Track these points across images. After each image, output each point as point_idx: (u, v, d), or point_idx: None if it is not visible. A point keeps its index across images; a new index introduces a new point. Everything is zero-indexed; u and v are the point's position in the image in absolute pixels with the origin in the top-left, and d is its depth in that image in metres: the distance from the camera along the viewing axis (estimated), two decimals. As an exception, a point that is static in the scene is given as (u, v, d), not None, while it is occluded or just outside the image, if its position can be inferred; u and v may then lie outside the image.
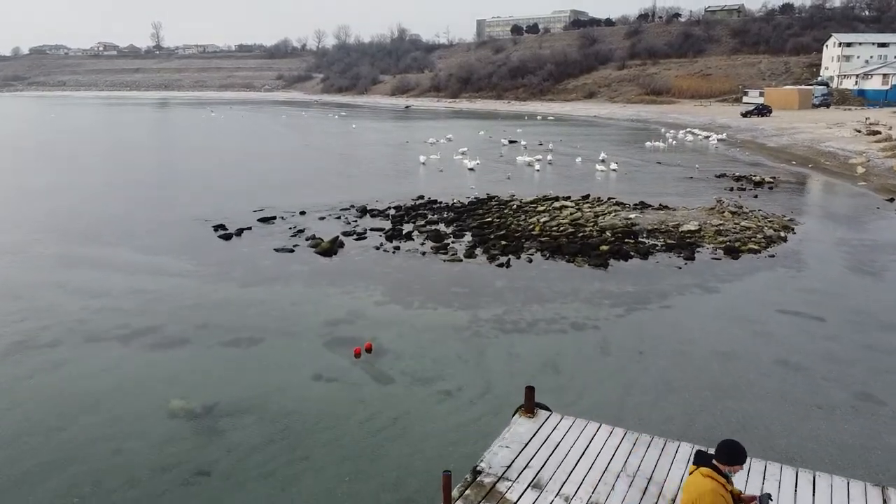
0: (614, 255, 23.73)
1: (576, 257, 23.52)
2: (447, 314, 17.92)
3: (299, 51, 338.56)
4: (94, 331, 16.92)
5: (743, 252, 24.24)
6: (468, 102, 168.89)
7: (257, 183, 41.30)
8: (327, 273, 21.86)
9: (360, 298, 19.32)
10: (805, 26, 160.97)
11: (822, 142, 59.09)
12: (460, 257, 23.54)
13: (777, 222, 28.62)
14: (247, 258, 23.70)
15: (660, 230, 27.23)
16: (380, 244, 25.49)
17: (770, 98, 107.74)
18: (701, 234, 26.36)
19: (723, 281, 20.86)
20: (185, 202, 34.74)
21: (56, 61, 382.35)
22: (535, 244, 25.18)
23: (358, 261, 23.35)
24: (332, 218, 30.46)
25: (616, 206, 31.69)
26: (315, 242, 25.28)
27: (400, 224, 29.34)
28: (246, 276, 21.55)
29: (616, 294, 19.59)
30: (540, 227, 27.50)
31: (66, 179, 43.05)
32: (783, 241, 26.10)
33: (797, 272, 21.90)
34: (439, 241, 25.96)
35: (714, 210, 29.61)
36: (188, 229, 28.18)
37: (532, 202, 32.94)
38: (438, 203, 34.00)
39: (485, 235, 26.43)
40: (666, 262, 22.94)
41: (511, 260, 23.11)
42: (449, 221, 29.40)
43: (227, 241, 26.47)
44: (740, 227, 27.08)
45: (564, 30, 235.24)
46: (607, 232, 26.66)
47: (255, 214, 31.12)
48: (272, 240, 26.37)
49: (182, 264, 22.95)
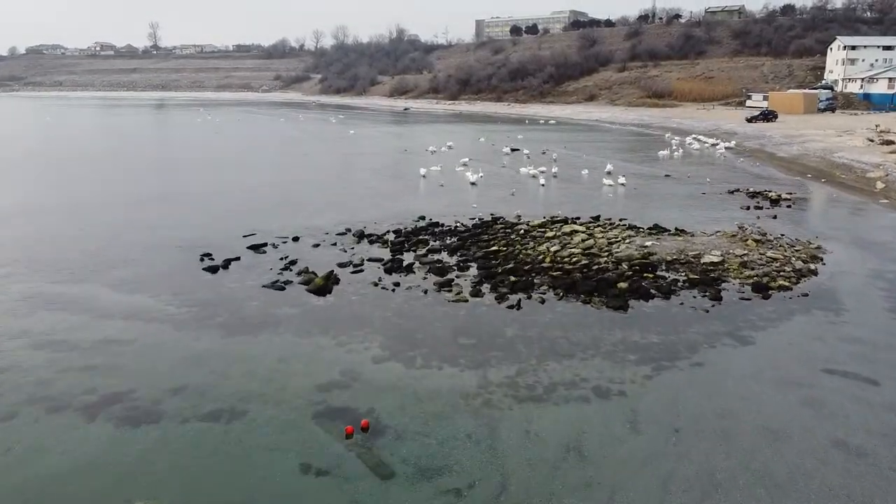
0: (634, 293, 21.78)
1: (592, 297, 21.56)
2: (454, 376, 15.95)
3: (297, 51, 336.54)
4: (56, 398, 14.95)
5: (773, 289, 22.31)
6: (467, 105, 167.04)
7: (249, 200, 39.33)
8: (320, 318, 19.89)
9: (356, 353, 17.35)
10: (807, 28, 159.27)
11: (834, 152, 57.21)
12: (466, 296, 21.58)
13: (804, 251, 26.69)
14: (233, 297, 21.72)
15: (680, 261, 25.29)
16: (378, 279, 23.51)
17: (774, 102, 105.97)
18: (725, 267, 24.42)
19: (756, 328, 18.91)
20: (171, 223, 32.73)
21: (53, 61, 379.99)
22: (547, 280, 23.22)
23: (354, 301, 21.37)
24: (328, 245, 28.47)
25: (630, 231, 29.76)
26: (307, 278, 23.30)
27: (400, 252, 27.39)
28: (231, 322, 19.57)
29: (640, 346, 17.63)
30: (551, 258, 25.55)
31: (44, 195, 40.97)
32: (813, 274, 24.17)
33: (836, 316, 19.95)
34: (442, 276, 24.01)
35: (736, 237, 27.68)
36: (172, 259, 26.18)
37: (540, 226, 31.00)
38: (440, 226, 32.05)
39: (492, 269, 24.46)
40: (691, 303, 20.99)
41: (522, 300, 21.14)
42: (452, 250, 27.43)
43: (212, 274, 24.47)
44: (766, 259, 25.15)
45: (564, 30, 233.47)
46: (624, 264, 24.72)
47: (244, 240, 29.11)
48: (261, 273, 24.39)
49: (162, 305, 20.96)
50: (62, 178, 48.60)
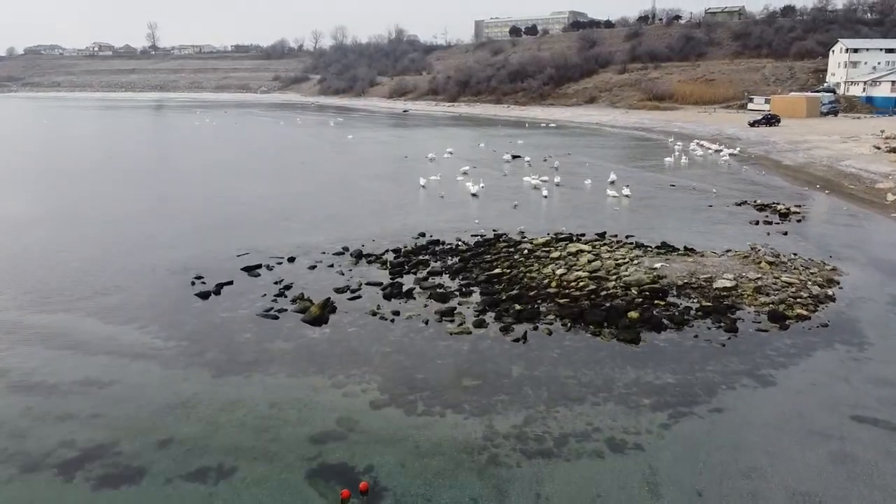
0: (645, 323, 20.76)
1: (602, 328, 20.55)
2: (457, 425, 14.92)
3: (296, 51, 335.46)
4: (32, 452, 13.92)
5: (790, 319, 21.30)
6: (467, 107, 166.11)
7: (245, 213, 38.29)
8: (315, 353, 18.86)
9: (354, 396, 16.32)
10: (807, 29, 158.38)
11: (840, 160, 56.23)
12: (469, 328, 20.55)
13: (819, 274, 25.68)
14: (225, 329, 20.69)
15: (691, 285, 24.28)
16: (377, 307, 22.48)
17: (777, 106, 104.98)
18: (739, 293, 23.40)
19: (776, 366, 17.90)
20: (163, 240, 31.67)
21: (51, 61, 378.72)
22: (554, 308, 22.21)
23: (351, 333, 20.34)
24: (324, 266, 27.43)
25: (637, 251, 28.72)
26: (303, 306, 22.27)
27: (400, 274, 26.36)
28: (222, 358, 18.53)
29: (655, 387, 16.62)
30: (557, 282, 24.53)
31: (35, 207, 39.94)
32: (831, 300, 23.17)
33: (859, 351, 18.94)
34: (444, 302, 23.01)
35: (749, 259, 26.65)
36: (162, 283, 25.14)
37: (544, 244, 29.94)
38: (441, 244, 31.04)
39: (495, 294, 23.44)
40: (705, 335, 19.97)
41: (528, 332, 20.12)
42: (454, 272, 26.40)
43: (204, 300, 23.43)
44: (781, 283, 24.12)
45: (563, 31, 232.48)
46: (633, 289, 23.70)
47: (238, 260, 28.10)
48: (255, 300, 23.36)
49: (149, 338, 19.92)
50: (55, 189, 47.53)
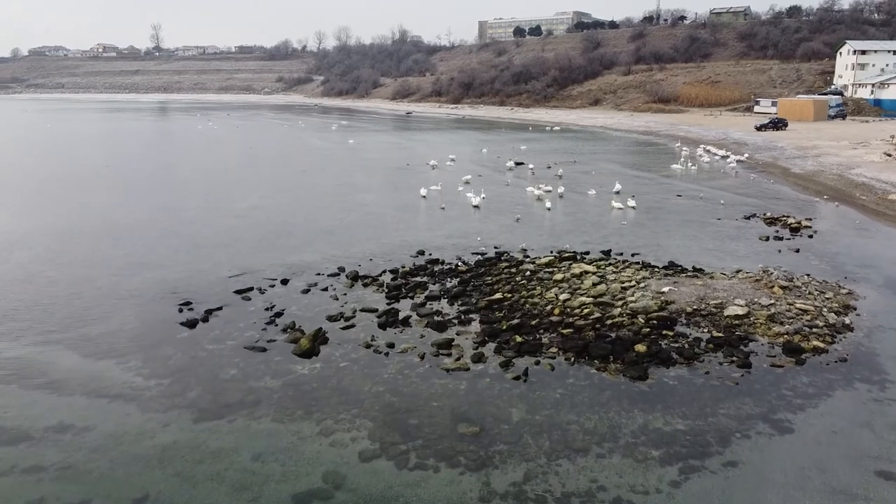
0: (653, 358, 19.68)
1: (607, 363, 19.47)
2: (452, 482, 13.87)
3: (300, 52, 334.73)
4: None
5: (807, 352, 20.20)
6: (470, 109, 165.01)
7: (240, 229, 37.27)
8: (303, 393, 17.81)
9: (342, 446, 15.27)
10: (814, 30, 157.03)
11: (851, 168, 55.03)
12: (467, 363, 19.48)
13: (835, 299, 24.54)
14: (210, 363, 19.66)
15: (701, 312, 23.17)
16: (371, 338, 21.43)
17: (784, 109, 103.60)
18: (751, 322, 22.29)
19: (794, 409, 16.80)
20: (154, 259, 30.66)
21: (55, 63, 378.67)
22: (557, 339, 21.13)
23: (342, 369, 19.29)
24: (318, 290, 26.39)
25: (644, 272, 27.62)
26: (293, 337, 21.23)
27: (397, 299, 25.31)
28: (204, 399, 17.51)
29: (665, 436, 15.53)
30: (560, 309, 23.44)
31: (26, 222, 38.91)
32: (849, 329, 22.05)
33: (881, 391, 17.83)
34: (441, 331, 21.97)
35: (761, 283, 25.51)
36: (148, 310, 24.12)
37: (547, 264, 28.85)
38: (441, 263, 29.98)
39: (495, 323, 22.36)
40: (717, 372, 18.88)
41: (529, 368, 19.04)
42: (453, 296, 25.33)
43: (191, 329, 22.41)
44: (795, 311, 23.00)
45: (568, 32, 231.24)
46: (640, 317, 22.61)
47: (230, 282, 27.12)
48: (244, 328, 22.35)
49: (130, 376, 18.91)
50: (47, 201, 46.52)
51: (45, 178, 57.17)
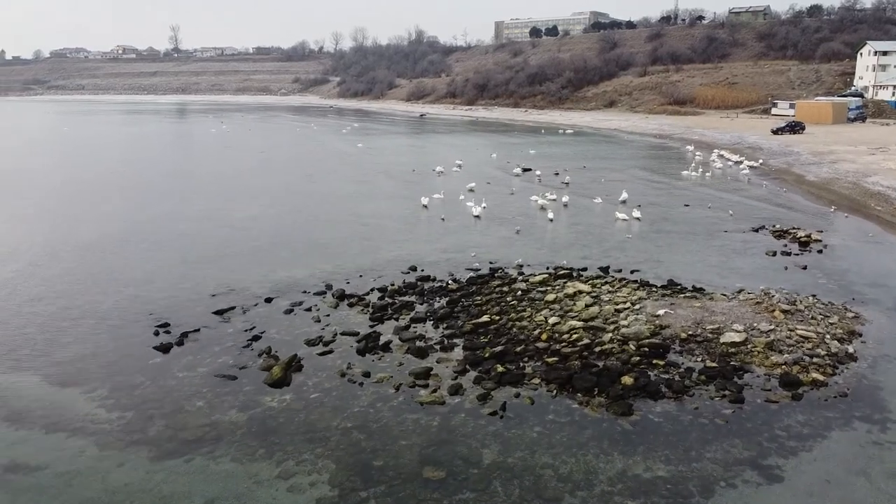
0: (640, 391, 18.65)
1: (591, 396, 18.48)
2: (409, 538, 12.98)
3: (316, 53, 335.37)
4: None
5: (805, 385, 19.07)
6: (485, 110, 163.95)
7: (233, 240, 36.59)
8: (268, 429, 16.99)
9: (299, 493, 14.43)
10: (835, 29, 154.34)
11: (868, 175, 53.41)
12: (443, 396, 18.57)
13: (840, 324, 23.34)
14: (177, 393, 18.90)
15: (696, 339, 22.09)
16: (348, 365, 20.58)
17: (801, 112, 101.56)
18: (748, 350, 21.18)
19: (786, 453, 15.71)
20: (137, 277, 29.89)
21: (76, 65, 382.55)
22: (541, 368, 20.15)
23: (313, 401, 18.45)
24: (302, 310, 25.59)
25: (640, 291, 26.54)
26: (267, 364, 20.44)
27: (381, 320, 24.46)
28: (165, 435, 16.74)
29: (644, 484, 14.53)
30: (548, 334, 22.46)
31: (15, 234, 38.52)
32: (852, 359, 20.86)
33: (881, 432, 16.68)
34: (422, 358, 21.11)
35: (762, 306, 24.34)
36: (123, 333, 23.43)
37: (541, 282, 27.87)
38: (431, 280, 29.08)
39: (478, 350, 21.42)
40: (707, 408, 17.81)
41: (507, 403, 18.09)
42: (439, 318, 24.43)
43: (164, 354, 21.69)
44: (796, 338, 21.84)
45: (584, 32, 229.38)
46: (631, 344, 21.58)
47: (213, 301, 26.41)
48: (218, 353, 21.60)
49: (92, 408, 18.20)
50: (45, 211, 46.16)
51: (48, 186, 56.92)
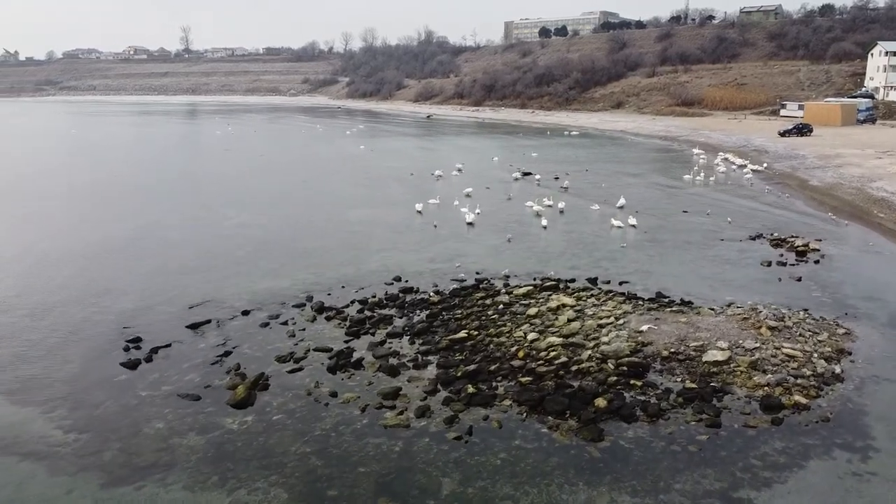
0: (613, 414, 17.99)
1: (563, 419, 17.82)
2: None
3: (326, 54, 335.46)
4: None
5: (786, 408, 18.34)
6: (492, 111, 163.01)
7: (219, 249, 36.13)
8: (224, 454, 16.46)
9: (245, 524, 13.89)
10: (847, 29, 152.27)
11: (873, 180, 52.33)
12: (409, 419, 17.97)
13: (829, 341, 22.55)
14: (136, 415, 18.41)
15: (678, 357, 21.41)
16: (316, 384, 20.04)
17: (810, 113, 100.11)
18: (731, 369, 20.47)
19: (758, 485, 15.02)
20: (116, 288, 29.33)
21: (87, 66, 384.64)
22: (514, 389, 19.51)
23: (275, 423, 17.91)
24: (278, 324, 25.06)
25: (626, 305, 25.85)
26: (232, 383, 19.91)
27: (357, 335, 23.90)
28: (118, 461, 16.26)
29: (605, 518, 13.88)
30: (525, 352, 21.82)
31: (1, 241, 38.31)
32: (838, 380, 20.10)
33: (861, 461, 15.94)
34: (393, 376, 20.53)
35: (748, 322, 23.58)
36: (93, 348, 22.98)
37: (525, 295, 27.24)
38: (414, 292, 28.48)
39: (452, 368, 20.80)
40: (681, 434, 17.13)
41: (473, 427, 17.47)
42: (416, 333, 23.83)
43: (131, 371, 21.24)
44: (782, 357, 21.09)
45: (594, 32, 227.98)
46: (610, 362, 20.90)
47: (189, 314, 25.95)
48: (186, 370, 21.12)
49: (50, 428, 17.78)
50: (34, 219, 45.83)
51: (40, 192, 56.60)
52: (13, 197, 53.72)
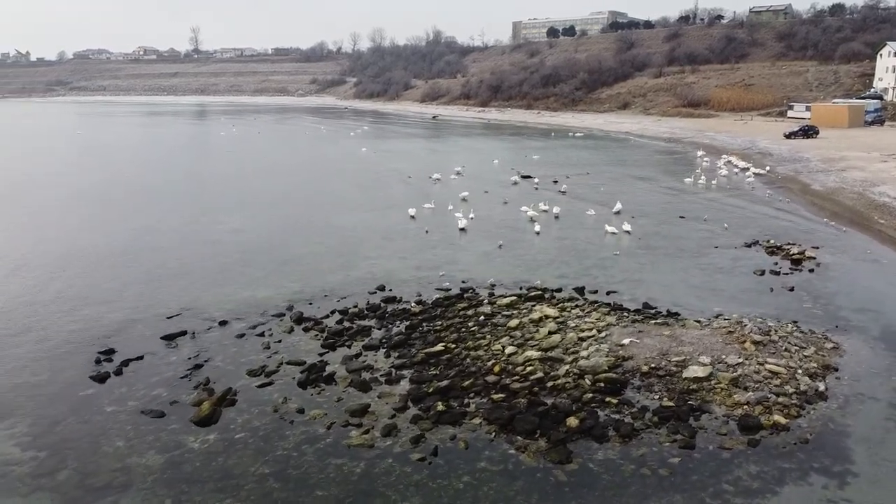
0: (585, 434, 17.46)
1: (532, 439, 17.30)
2: None
3: (334, 54, 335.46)
4: None
5: (765, 428, 17.74)
6: (497, 112, 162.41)
7: (206, 256, 35.75)
8: (181, 476, 16.05)
9: (192, 552, 13.46)
10: (857, 29, 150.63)
11: (875, 185, 51.45)
12: (374, 438, 17.49)
13: (815, 356, 21.90)
14: (98, 431, 18.04)
15: (657, 372, 20.84)
16: (284, 399, 19.60)
17: (817, 115, 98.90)
18: (711, 386, 19.88)
19: (728, 512, 14.45)
20: (96, 297, 28.87)
21: (98, 66, 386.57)
22: (485, 406, 18.99)
23: (237, 441, 17.48)
24: (254, 336, 24.64)
25: (610, 317, 25.27)
26: (198, 399, 19.50)
27: (332, 347, 23.46)
28: (72, 482, 15.89)
29: (565, 548, 13.37)
30: (500, 367, 21.30)
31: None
32: (822, 398, 19.47)
33: (838, 488, 15.36)
34: (365, 392, 20.07)
35: (733, 336, 22.97)
36: (64, 360, 22.62)
37: (508, 305, 26.73)
38: (396, 302, 28.01)
39: (424, 385, 20.30)
40: (653, 456, 16.57)
41: (439, 447, 16.98)
42: (393, 345, 23.36)
43: (100, 384, 20.88)
44: (764, 373, 20.48)
45: (602, 32, 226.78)
46: (587, 378, 20.36)
47: (166, 324, 25.58)
48: (155, 384, 20.74)
49: (9, 445, 17.44)
50: (23, 223, 45.74)
51: (37, 195, 56.56)
52: (5, 202, 53.59)
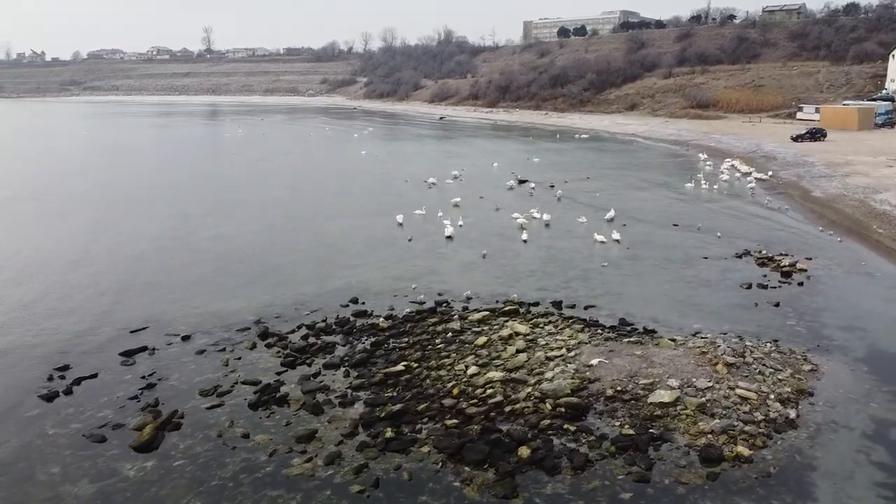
0: (536, 465, 16.68)
1: (480, 470, 16.53)
2: None
3: (345, 54, 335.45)
4: None
5: (727, 460, 16.86)
6: (505, 113, 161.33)
7: (182, 269, 35.02)
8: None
9: None
10: (871, 28, 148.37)
11: (878, 192, 50.12)
12: (315, 468, 16.78)
13: (790, 380, 20.96)
14: (34, 457, 17.47)
15: (622, 396, 20.00)
16: (231, 423, 18.96)
17: (826, 117, 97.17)
18: (676, 412, 19.01)
19: (673, 557, 13.61)
20: (62, 308, 28.37)
21: (111, 66, 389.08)
22: (437, 432, 18.24)
23: (173, 470, 16.83)
24: (215, 351, 24.03)
25: (584, 334, 24.44)
26: (142, 422, 18.86)
27: (292, 365, 22.79)
28: (-6, 511, 15.29)
29: None
30: (459, 389, 20.53)
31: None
32: (791, 426, 18.55)
33: (796, 529, 14.46)
34: (316, 414, 19.38)
35: (706, 357, 22.06)
36: (16, 376, 22.14)
37: (480, 321, 25.96)
38: (367, 316, 27.31)
39: (378, 408, 19.56)
40: (605, 490, 15.77)
41: (381, 478, 16.25)
42: (354, 364, 22.66)
43: (47, 403, 20.36)
44: (734, 398, 19.58)
45: (613, 32, 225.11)
46: (548, 402, 19.55)
47: (127, 339, 25.08)
48: (104, 404, 20.17)
49: (-62, 471, 16.84)
50: (14, 226, 45.53)
51: (27, 198, 56.38)
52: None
